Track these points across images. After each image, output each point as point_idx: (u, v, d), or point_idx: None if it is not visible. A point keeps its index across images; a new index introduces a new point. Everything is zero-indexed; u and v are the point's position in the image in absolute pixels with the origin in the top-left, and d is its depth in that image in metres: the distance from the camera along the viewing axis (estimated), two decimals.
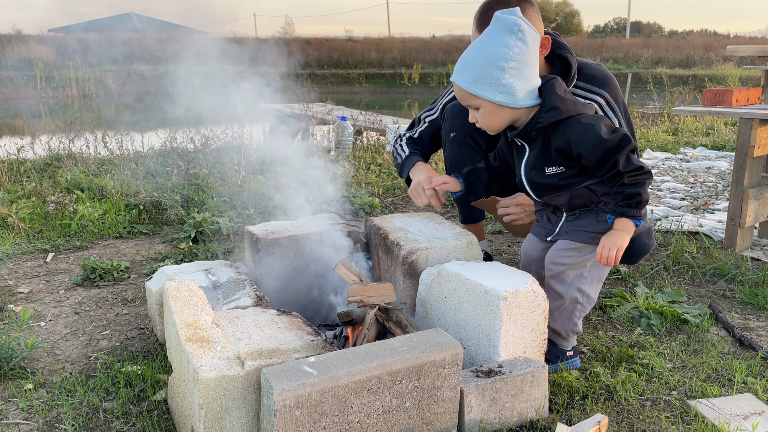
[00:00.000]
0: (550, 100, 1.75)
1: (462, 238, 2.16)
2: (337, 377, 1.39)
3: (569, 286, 1.88)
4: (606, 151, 1.69)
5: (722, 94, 3.13)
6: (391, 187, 4.38)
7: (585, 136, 1.71)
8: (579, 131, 1.73)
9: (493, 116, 1.78)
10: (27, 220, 3.40)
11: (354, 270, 2.04)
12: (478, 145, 2.43)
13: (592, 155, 1.72)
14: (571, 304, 1.89)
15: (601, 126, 1.72)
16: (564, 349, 1.96)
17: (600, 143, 1.70)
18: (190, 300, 1.67)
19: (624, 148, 1.69)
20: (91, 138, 5.60)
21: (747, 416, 1.70)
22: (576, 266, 1.87)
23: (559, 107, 1.74)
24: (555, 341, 1.94)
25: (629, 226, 1.73)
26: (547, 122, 1.75)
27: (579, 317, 1.92)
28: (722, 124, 7.77)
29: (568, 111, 1.75)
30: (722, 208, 3.95)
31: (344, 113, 7.76)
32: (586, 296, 1.90)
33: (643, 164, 1.70)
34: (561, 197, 1.85)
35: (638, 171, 1.69)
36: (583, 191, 1.82)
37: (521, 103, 1.75)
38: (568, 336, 1.94)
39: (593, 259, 1.85)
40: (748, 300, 2.52)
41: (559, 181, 1.80)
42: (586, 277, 1.87)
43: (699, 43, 22.81)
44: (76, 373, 1.92)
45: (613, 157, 1.69)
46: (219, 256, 2.97)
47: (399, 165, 2.51)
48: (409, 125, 2.68)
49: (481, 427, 1.61)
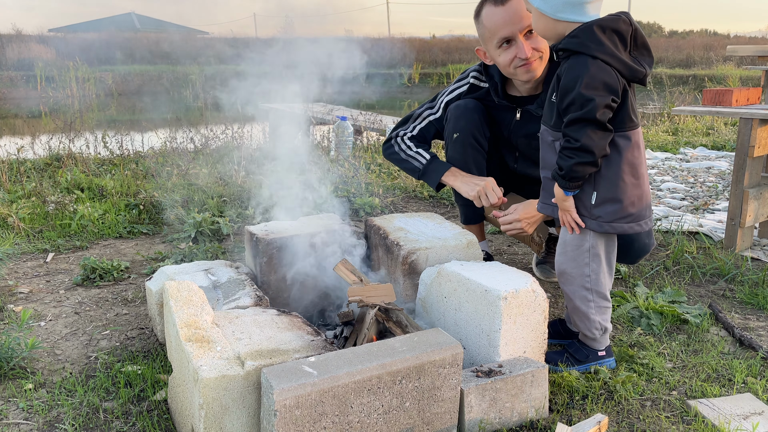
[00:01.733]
0: (579, 29, 1.70)
1: (462, 238, 2.16)
2: (337, 377, 1.39)
3: (574, 285, 1.86)
4: (571, 101, 1.66)
5: (722, 94, 3.13)
6: (391, 187, 4.38)
7: (572, 73, 1.67)
8: (573, 66, 1.68)
9: (537, 23, 1.80)
10: (27, 220, 3.40)
11: (354, 270, 2.04)
12: (481, 146, 2.42)
13: (563, 95, 1.69)
14: (582, 303, 1.86)
15: (595, 79, 1.65)
16: (595, 349, 1.93)
17: (573, 88, 1.65)
18: (190, 300, 1.67)
19: (581, 112, 1.64)
20: (91, 138, 5.60)
21: (747, 416, 1.70)
22: (576, 263, 1.84)
23: (579, 38, 1.68)
24: (585, 342, 1.93)
25: (559, 192, 1.77)
26: (564, 46, 1.71)
27: (597, 314, 1.88)
28: (722, 124, 7.77)
29: (584, 47, 1.67)
30: (722, 208, 3.95)
31: (344, 113, 7.76)
32: (595, 293, 1.85)
33: (583, 142, 1.65)
34: (545, 142, 1.85)
35: (574, 143, 1.66)
36: (553, 146, 1.80)
37: (560, 16, 1.72)
38: (595, 336, 1.90)
39: (592, 252, 1.82)
40: (748, 300, 2.52)
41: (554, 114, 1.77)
42: (589, 275, 1.84)
43: (699, 43, 22.79)
44: (76, 373, 1.92)
45: (569, 114, 1.67)
46: (219, 256, 2.97)
47: (419, 169, 2.45)
48: (402, 121, 2.61)
49: (481, 427, 1.61)
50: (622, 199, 1.77)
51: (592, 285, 1.85)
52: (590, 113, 1.64)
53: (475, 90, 2.47)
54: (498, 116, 2.43)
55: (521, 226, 2.23)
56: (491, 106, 2.43)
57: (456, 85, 2.53)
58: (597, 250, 1.83)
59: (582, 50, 1.67)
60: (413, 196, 4.28)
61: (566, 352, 1.95)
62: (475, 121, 2.40)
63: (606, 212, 1.78)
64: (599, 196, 1.77)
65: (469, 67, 2.54)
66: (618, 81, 1.67)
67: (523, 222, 2.23)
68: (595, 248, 1.83)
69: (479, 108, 2.41)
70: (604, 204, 1.78)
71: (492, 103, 2.42)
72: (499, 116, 2.43)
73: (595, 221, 1.80)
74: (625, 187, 1.77)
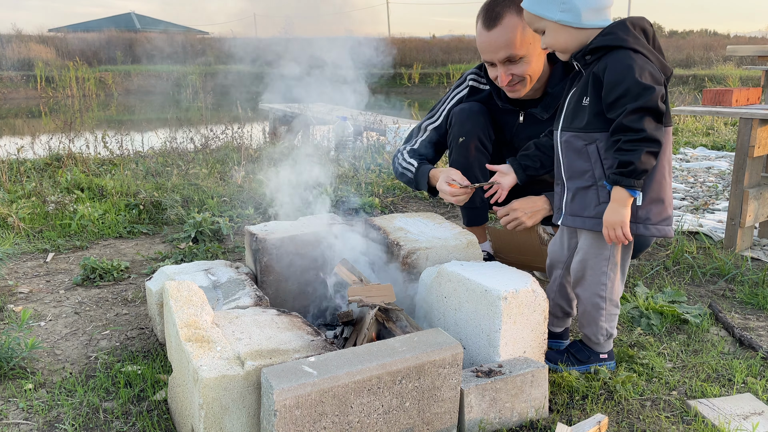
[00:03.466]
0: (612, 26, 1.67)
1: (462, 238, 2.16)
2: (337, 377, 1.39)
3: (589, 292, 1.84)
4: (625, 92, 1.59)
5: (722, 94, 3.13)
6: (391, 187, 4.38)
7: (619, 65, 1.61)
8: (618, 59, 1.62)
9: (557, 37, 1.72)
10: (27, 220, 3.40)
11: (354, 270, 2.04)
12: (486, 149, 2.40)
13: (612, 89, 1.61)
14: (594, 310, 1.84)
15: (645, 70, 1.60)
16: (597, 352, 1.92)
17: (625, 78, 1.59)
18: (190, 300, 1.67)
19: (642, 101, 1.57)
20: (91, 138, 5.60)
21: (747, 416, 1.70)
22: (594, 271, 1.81)
23: (617, 33, 1.64)
24: (588, 344, 1.92)
25: (623, 197, 1.64)
26: (598, 44, 1.66)
27: (607, 321, 1.86)
28: (722, 124, 7.77)
29: (623, 41, 1.63)
30: (722, 208, 3.95)
31: (344, 113, 7.76)
32: (609, 301, 1.84)
33: (649, 132, 1.59)
34: (572, 148, 1.76)
35: (638, 134, 1.58)
36: (585, 150, 1.72)
37: (586, 23, 1.68)
38: (599, 340, 1.89)
39: (611, 261, 1.80)
40: (748, 300, 2.52)
41: (587, 116, 1.70)
42: (605, 284, 1.81)
43: (699, 43, 22.79)
44: (76, 373, 1.92)
45: (627, 104, 1.59)
46: (219, 256, 2.97)
47: (412, 179, 2.45)
48: (407, 138, 2.62)
49: (481, 427, 1.61)
50: (664, 199, 1.73)
51: (607, 293, 1.83)
52: (652, 101, 1.58)
53: (476, 92, 2.45)
54: (500, 119, 2.42)
55: (518, 216, 2.15)
56: (493, 108, 2.42)
57: (455, 90, 2.50)
58: (616, 258, 1.81)
59: (622, 44, 1.64)
60: (413, 196, 4.28)
61: (567, 352, 1.95)
62: (481, 124, 2.37)
63: (653, 213, 1.72)
64: (646, 196, 1.70)
65: (465, 71, 2.53)
66: (660, 74, 1.65)
67: (519, 212, 2.14)
68: (615, 256, 1.80)
69: (484, 110, 2.39)
70: (650, 205, 1.72)
71: (494, 105, 2.40)
72: (501, 119, 2.42)
73: (642, 225, 1.72)
74: (666, 186, 1.73)
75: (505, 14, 2.06)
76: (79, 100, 13.87)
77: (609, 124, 1.66)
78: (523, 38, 2.07)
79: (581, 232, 1.84)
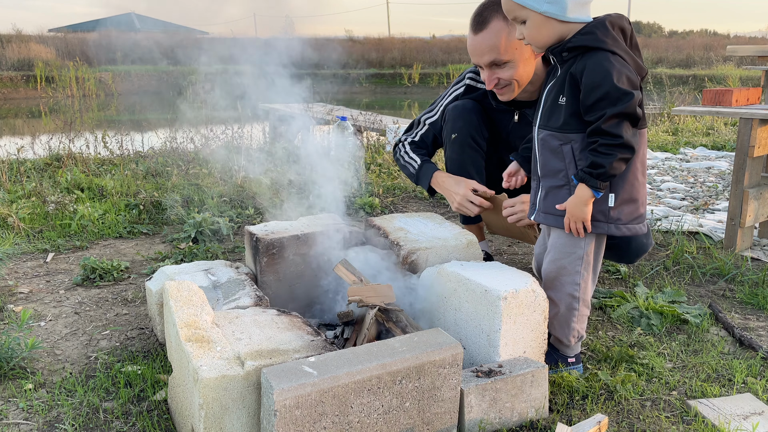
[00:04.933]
0: (592, 25, 1.66)
1: (462, 238, 2.16)
2: (337, 377, 1.39)
3: (562, 293, 1.83)
4: (603, 96, 1.59)
5: (722, 94, 3.13)
6: (391, 187, 4.38)
7: (598, 68, 1.61)
8: (597, 62, 1.62)
9: (539, 29, 1.69)
10: (27, 220, 3.40)
11: (354, 270, 2.04)
12: (479, 147, 2.43)
13: (590, 92, 1.62)
14: (567, 311, 1.84)
15: (623, 75, 1.60)
16: (566, 356, 1.92)
17: (604, 83, 1.59)
18: (190, 300, 1.67)
19: (621, 106, 1.58)
20: (91, 138, 5.60)
21: (747, 416, 1.70)
22: (567, 271, 1.81)
23: (596, 34, 1.63)
24: (557, 347, 1.91)
25: (587, 195, 1.66)
26: (577, 43, 1.65)
27: (578, 322, 1.86)
28: (722, 124, 7.77)
29: (602, 42, 1.63)
30: (722, 208, 3.94)
31: (344, 113, 7.76)
32: (581, 301, 1.83)
33: (625, 138, 1.61)
34: (547, 146, 1.76)
35: (615, 139, 1.60)
36: (560, 150, 1.73)
37: (570, 17, 1.66)
38: (570, 343, 1.89)
39: (585, 260, 1.79)
40: (748, 300, 2.52)
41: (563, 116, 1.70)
42: (579, 284, 1.81)
43: (699, 43, 22.79)
44: (76, 373, 1.92)
45: (606, 109, 1.59)
46: (219, 256, 2.97)
47: (413, 174, 2.52)
48: (407, 127, 2.67)
49: (481, 427, 1.61)
50: (637, 199, 1.75)
51: (581, 293, 1.83)
52: (630, 107, 1.59)
53: (472, 91, 2.48)
54: (496, 118, 2.44)
55: (524, 208, 2.18)
56: (489, 107, 2.44)
57: (453, 88, 2.55)
58: (589, 257, 1.81)
59: (600, 46, 1.64)
60: (413, 196, 4.28)
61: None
62: (473, 121, 2.40)
63: (624, 214, 1.74)
64: (618, 197, 1.73)
65: (465, 69, 2.55)
66: (636, 77, 1.66)
67: (526, 205, 2.17)
68: (588, 255, 1.80)
69: (477, 108, 2.42)
70: (622, 205, 1.74)
71: (490, 104, 2.43)
72: (497, 118, 2.44)
73: (614, 224, 1.75)
74: (639, 187, 1.75)
75: (492, 19, 2.07)
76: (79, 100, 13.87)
77: (585, 125, 1.68)
78: (509, 43, 2.07)
79: (553, 230, 1.84)
